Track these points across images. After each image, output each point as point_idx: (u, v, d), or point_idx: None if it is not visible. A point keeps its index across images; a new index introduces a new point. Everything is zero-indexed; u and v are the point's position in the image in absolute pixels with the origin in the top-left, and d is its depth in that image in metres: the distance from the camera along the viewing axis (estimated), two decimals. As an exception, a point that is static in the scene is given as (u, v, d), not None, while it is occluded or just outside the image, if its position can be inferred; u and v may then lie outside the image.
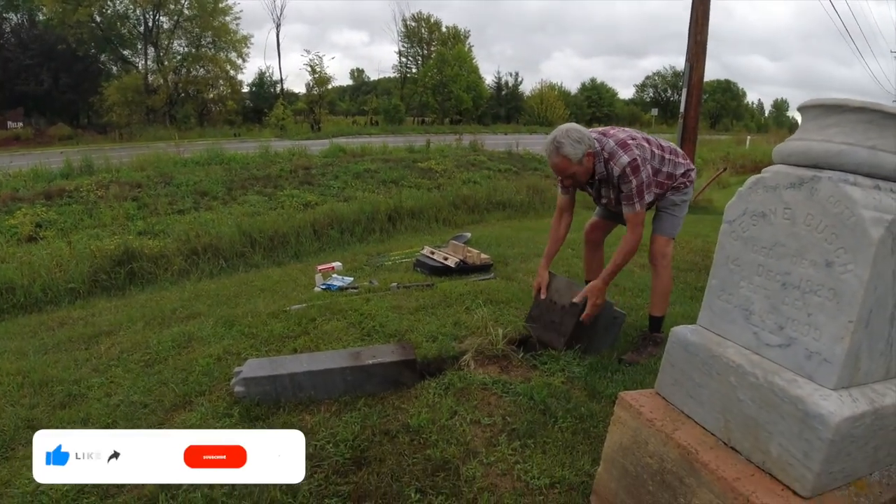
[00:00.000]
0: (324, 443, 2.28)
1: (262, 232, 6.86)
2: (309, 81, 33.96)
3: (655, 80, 64.23)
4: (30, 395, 2.87)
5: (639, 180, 2.90)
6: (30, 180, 10.82)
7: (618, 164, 2.89)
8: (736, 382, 1.51)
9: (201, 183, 10.55)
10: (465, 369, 2.85)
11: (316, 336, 3.31)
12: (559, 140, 2.84)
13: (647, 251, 3.31)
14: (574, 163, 2.87)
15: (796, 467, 1.35)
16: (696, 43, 10.57)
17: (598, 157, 2.94)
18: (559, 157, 2.86)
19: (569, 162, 2.87)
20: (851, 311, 1.29)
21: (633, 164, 2.87)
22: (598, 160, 2.94)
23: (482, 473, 2.14)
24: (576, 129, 2.89)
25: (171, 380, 2.85)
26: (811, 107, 1.50)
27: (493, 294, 3.95)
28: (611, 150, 2.93)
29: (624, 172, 2.88)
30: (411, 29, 48.89)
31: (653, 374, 2.35)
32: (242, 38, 35.93)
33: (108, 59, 35.11)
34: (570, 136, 2.84)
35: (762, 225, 1.52)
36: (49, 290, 5.38)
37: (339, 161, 13.46)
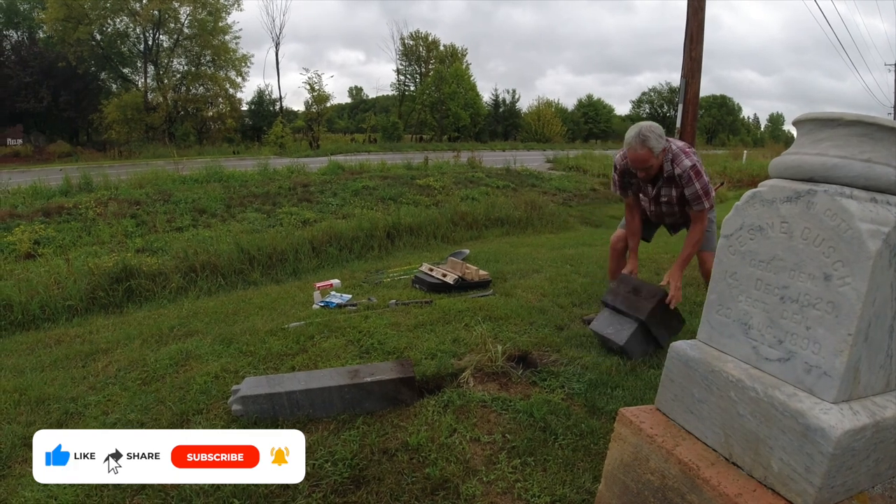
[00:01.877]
0: (322, 462, 2.26)
1: (260, 249, 6.85)
2: (308, 99, 34.21)
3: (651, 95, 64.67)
4: (27, 413, 2.85)
5: (702, 182, 3.26)
6: (28, 197, 10.83)
7: (680, 165, 3.26)
8: (736, 397, 1.50)
9: (200, 200, 10.56)
10: (465, 386, 2.84)
11: (314, 354, 3.30)
12: (645, 134, 3.15)
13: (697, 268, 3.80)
14: (655, 156, 3.20)
15: (798, 482, 1.34)
16: (691, 59, 10.66)
17: (666, 157, 3.29)
18: (645, 148, 3.16)
19: (651, 154, 3.18)
20: (850, 324, 1.29)
21: (695, 168, 3.24)
22: (666, 161, 3.29)
23: (482, 492, 2.12)
24: (657, 126, 3.22)
25: (169, 398, 2.83)
26: (806, 121, 1.51)
27: (491, 310, 3.94)
28: (675, 152, 3.30)
29: (688, 175, 3.24)
30: (409, 47, 49.33)
31: (653, 390, 2.34)
32: (242, 56, 36.23)
33: (107, 76, 35.31)
34: (653, 131, 3.17)
35: (759, 239, 1.53)
36: (46, 307, 5.36)
37: (338, 178, 13.50)
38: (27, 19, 33.19)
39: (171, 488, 2.08)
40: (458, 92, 44.38)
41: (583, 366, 3.10)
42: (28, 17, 33.25)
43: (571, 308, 4.16)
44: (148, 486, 2.09)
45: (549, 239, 8.36)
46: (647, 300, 3.29)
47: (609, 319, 3.38)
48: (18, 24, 33.08)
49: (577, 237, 8.54)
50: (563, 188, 15.07)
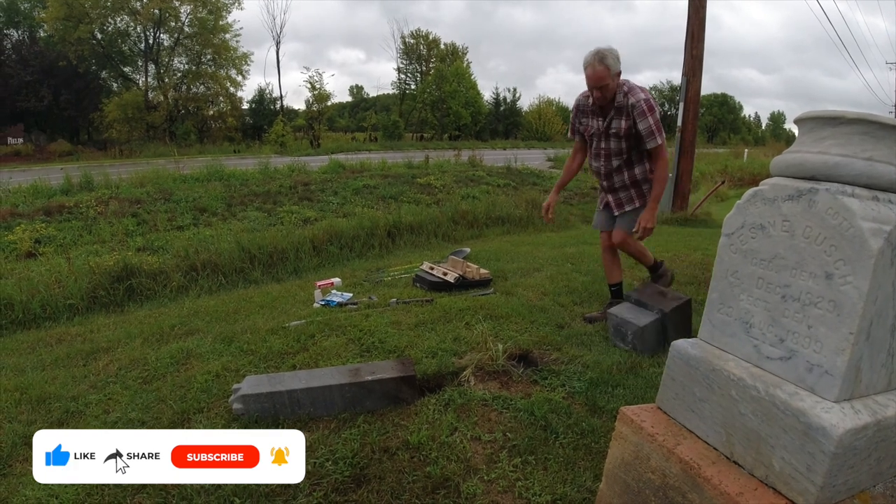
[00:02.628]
0: (323, 460, 2.26)
1: (261, 248, 6.85)
2: (308, 98, 34.24)
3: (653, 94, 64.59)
4: (27, 412, 2.85)
5: (655, 119, 3.39)
6: (29, 196, 10.84)
7: (636, 96, 3.37)
8: (737, 396, 1.50)
9: (201, 199, 10.56)
10: (465, 385, 2.84)
11: (315, 352, 3.30)
12: (603, 52, 3.29)
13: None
14: (610, 75, 3.30)
15: (799, 481, 1.33)
16: (692, 57, 10.66)
17: (620, 89, 3.40)
18: (602, 66, 3.27)
19: (607, 72, 3.28)
20: (852, 323, 1.29)
21: (649, 103, 3.38)
22: (619, 92, 3.40)
23: (483, 490, 2.12)
24: (615, 49, 3.34)
25: (170, 397, 2.83)
26: (807, 119, 1.51)
27: (492, 309, 3.94)
28: (630, 85, 3.42)
29: (642, 107, 3.36)
30: (410, 46, 49.31)
31: (654, 389, 2.34)
32: (242, 55, 36.22)
33: (108, 75, 35.30)
34: (612, 52, 3.31)
35: (761, 237, 1.53)
36: (47, 306, 5.36)
37: (339, 177, 13.50)
38: (28, 18, 33.20)
39: (172, 487, 2.08)
40: (458, 90, 44.37)
41: (584, 364, 3.10)
42: (29, 16, 33.26)
43: (572, 307, 4.16)
44: (148, 486, 2.09)
45: (549, 237, 8.35)
46: (673, 300, 3.42)
47: (629, 308, 3.47)
48: (19, 23, 33.10)
49: (577, 235, 8.53)
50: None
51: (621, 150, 3.57)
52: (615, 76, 3.33)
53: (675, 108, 29.77)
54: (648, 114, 3.36)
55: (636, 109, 3.37)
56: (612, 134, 3.53)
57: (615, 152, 3.59)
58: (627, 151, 3.57)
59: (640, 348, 3.25)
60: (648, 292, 3.54)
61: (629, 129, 3.45)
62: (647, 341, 3.26)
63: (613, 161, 3.63)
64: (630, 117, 3.41)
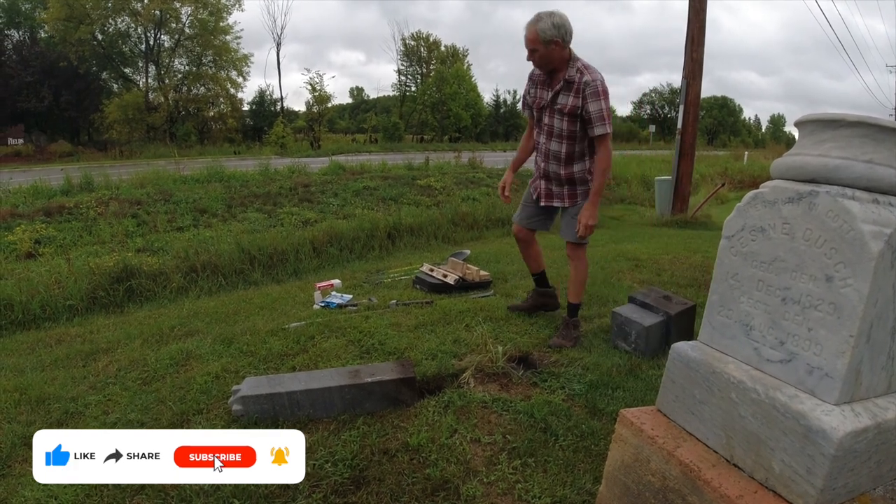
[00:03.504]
0: (322, 462, 2.26)
1: (261, 249, 6.85)
2: (309, 100, 34.27)
3: (652, 97, 64.66)
4: (27, 412, 2.85)
5: (606, 105, 3.17)
6: (29, 197, 10.84)
7: (592, 75, 3.16)
8: (737, 398, 1.50)
9: (201, 200, 10.57)
10: (465, 387, 2.84)
11: (315, 354, 3.30)
12: (541, 15, 3.11)
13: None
14: (541, 41, 3.10)
15: (799, 483, 1.33)
16: (692, 60, 10.68)
17: (572, 64, 3.19)
18: (532, 28, 3.11)
19: (537, 37, 3.10)
20: (852, 326, 1.29)
21: (604, 88, 3.17)
22: (572, 66, 3.19)
23: (482, 493, 2.12)
24: (563, 18, 3.12)
25: (169, 398, 2.83)
26: (807, 122, 1.51)
27: (492, 311, 3.94)
28: (587, 64, 3.21)
29: (595, 88, 3.14)
30: (410, 48, 49.36)
31: (654, 392, 2.33)
32: (243, 56, 36.29)
33: (109, 76, 35.33)
34: (552, 18, 3.09)
35: (761, 240, 1.53)
36: (47, 306, 5.36)
37: (339, 178, 13.51)
38: (29, 19, 33.24)
39: (171, 488, 2.08)
40: (459, 92, 44.39)
41: (583, 367, 3.10)
42: (29, 16, 33.31)
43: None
44: (148, 486, 2.09)
45: (549, 240, 8.35)
46: (678, 304, 3.43)
47: (634, 309, 3.46)
48: (20, 23, 33.15)
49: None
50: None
51: (562, 132, 3.30)
52: (549, 44, 3.10)
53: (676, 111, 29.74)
54: (602, 97, 3.15)
55: (589, 87, 3.14)
56: (556, 109, 3.29)
57: (556, 132, 3.33)
58: (569, 137, 3.30)
59: (643, 349, 3.25)
60: (653, 296, 3.54)
61: (575, 108, 3.20)
62: (650, 342, 3.26)
63: (553, 142, 3.37)
64: (580, 95, 3.17)
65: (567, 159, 3.37)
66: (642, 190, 15.89)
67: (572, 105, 3.21)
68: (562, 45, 3.13)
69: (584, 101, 3.17)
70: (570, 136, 3.30)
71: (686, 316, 3.42)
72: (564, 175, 3.41)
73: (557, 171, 3.42)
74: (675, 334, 3.30)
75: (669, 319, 3.32)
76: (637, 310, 3.44)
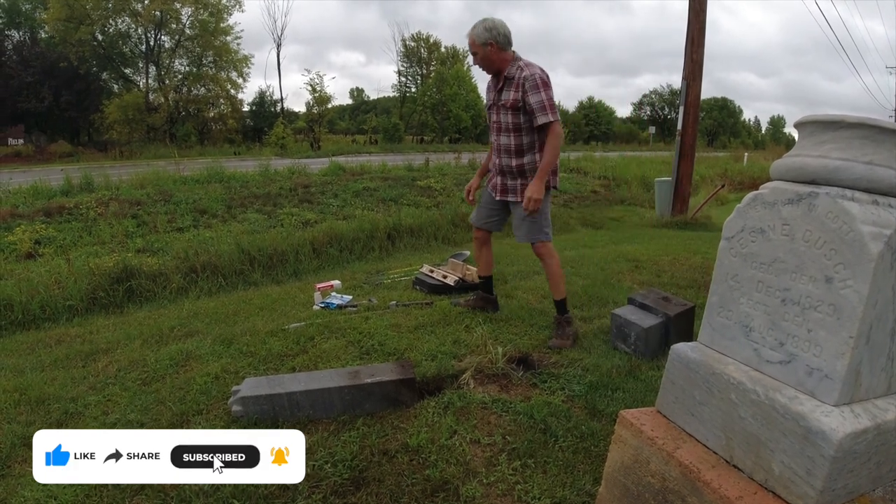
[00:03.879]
0: (322, 463, 2.26)
1: (261, 250, 6.85)
2: (309, 100, 34.25)
3: (652, 98, 64.76)
4: (27, 413, 2.85)
5: (548, 95, 3.39)
6: (29, 197, 10.83)
7: (530, 70, 3.40)
8: (737, 400, 1.50)
9: (201, 201, 10.56)
10: (465, 388, 2.84)
11: (314, 355, 3.30)
12: (477, 23, 3.45)
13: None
14: (478, 44, 3.41)
15: (799, 485, 1.33)
16: (692, 61, 10.68)
17: (514, 63, 3.45)
18: (470, 35, 3.45)
19: (474, 41, 3.42)
20: (852, 327, 1.29)
21: (543, 79, 3.38)
22: (513, 65, 3.45)
23: (482, 494, 2.12)
24: (494, 22, 3.43)
25: (169, 398, 2.83)
26: (808, 123, 1.51)
27: (492, 312, 3.94)
28: (528, 62, 3.48)
29: (534, 80, 3.36)
30: (410, 49, 49.38)
31: (654, 393, 2.33)
32: (243, 57, 36.28)
33: (109, 77, 35.32)
34: (485, 23, 3.42)
35: (761, 241, 1.53)
36: (47, 307, 5.36)
37: (339, 179, 13.51)
38: (29, 19, 33.27)
39: (171, 489, 2.08)
40: (459, 94, 44.40)
41: (583, 368, 3.10)
42: (30, 17, 33.33)
43: (572, 310, 4.15)
44: (147, 487, 2.09)
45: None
46: (678, 306, 3.44)
47: (634, 310, 3.47)
48: (20, 24, 33.17)
49: (577, 239, 8.53)
50: (563, 190, 15.04)
51: (509, 125, 3.51)
52: (486, 46, 3.38)
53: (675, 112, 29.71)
54: (542, 88, 3.36)
55: (528, 81, 3.36)
56: (501, 105, 3.51)
57: (504, 126, 3.53)
58: (515, 130, 3.50)
59: (642, 350, 3.25)
60: (652, 297, 3.54)
61: (516, 102, 3.42)
62: (649, 344, 3.26)
63: (503, 137, 3.57)
64: (520, 89, 3.40)
65: (517, 151, 3.55)
66: (642, 191, 15.89)
67: (513, 99, 3.43)
68: (497, 46, 3.40)
69: (525, 94, 3.39)
70: (515, 129, 3.51)
71: (685, 317, 3.43)
72: (516, 167, 3.57)
73: (510, 164, 3.58)
74: (674, 335, 3.30)
75: (669, 321, 3.32)
76: (636, 311, 3.44)
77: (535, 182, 3.39)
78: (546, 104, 3.37)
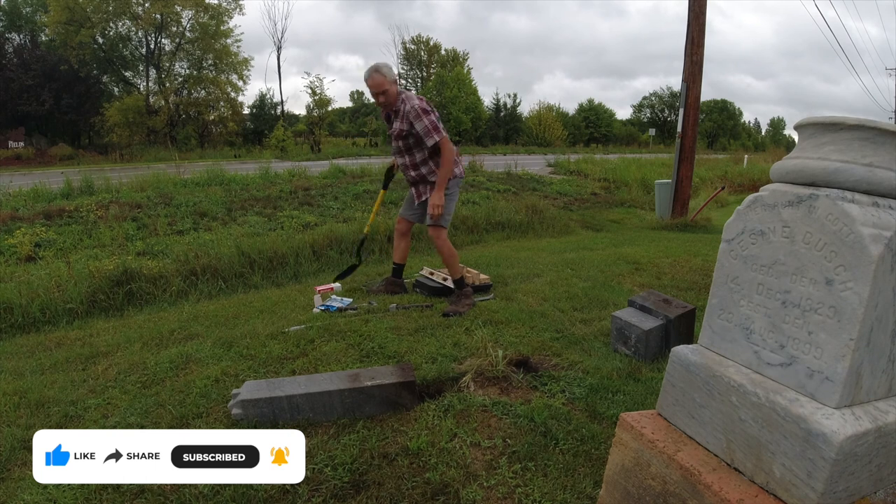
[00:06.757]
0: (322, 466, 2.25)
1: (261, 253, 6.84)
2: (309, 103, 34.25)
3: (652, 100, 64.79)
4: (26, 416, 2.84)
5: (429, 119, 4.03)
6: (30, 200, 10.83)
7: (410, 103, 4.03)
8: (737, 402, 1.50)
9: (201, 203, 10.57)
10: (465, 391, 2.83)
11: (314, 357, 3.29)
12: (378, 65, 4.07)
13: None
14: (388, 81, 4.04)
15: (800, 487, 1.33)
16: (692, 63, 10.69)
17: (399, 97, 4.09)
18: (378, 75, 4.02)
19: (384, 79, 4.03)
20: (852, 329, 1.29)
21: (423, 108, 4.02)
22: (398, 99, 4.09)
23: (482, 497, 2.11)
24: (388, 65, 4.14)
25: (169, 402, 2.82)
26: (808, 125, 1.51)
27: (492, 315, 3.94)
28: (408, 95, 4.10)
29: (415, 111, 4.00)
30: (410, 51, 49.44)
31: (654, 395, 2.33)
32: (243, 60, 36.30)
33: (109, 80, 35.37)
34: (386, 65, 4.12)
35: (761, 243, 1.53)
36: (47, 309, 5.35)
37: (339, 182, 13.51)
38: (29, 22, 33.34)
39: (170, 492, 2.07)
40: (459, 96, 44.43)
41: (583, 370, 3.09)
42: (30, 20, 33.41)
43: (572, 312, 4.16)
44: (147, 490, 2.08)
45: (549, 243, 8.35)
46: (678, 308, 3.45)
47: (634, 313, 3.48)
48: (21, 27, 33.24)
49: (577, 241, 8.52)
50: (564, 192, 15.08)
51: (400, 149, 4.23)
52: (392, 83, 4.05)
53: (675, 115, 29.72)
54: (423, 116, 3.99)
55: (411, 114, 4.01)
56: (393, 135, 4.19)
57: (400, 150, 4.25)
58: (408, 150, 4.20)
59: (643, 353, 3.25)
60: (653, 299, 3.54)
61: (402, 131, 4.08)
62: (650, 346, 3.26)
63: (405, 157, 4.26)
64: (406, 120, 4.04)
65: (413, 166, 4.28)
66: (642, 193, 15.89)
67: (399, 129, 4.12)
68: (396, 84, 4.10)
69: (411, 124, 4.04)
70: (407, 150, 4.22)
71: (686, 319, 3.42)
72: (417, 177, 4.32)
73: (413, 176, 4.33)
74: (674, 338, 3.30)
75: (669, 323, 3.32)
76: (637, 313, 3.44)
77: (436, 194, 4.13)
78: (429, 127, 4.02)
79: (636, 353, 3.28)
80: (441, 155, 4.09)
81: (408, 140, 4.14)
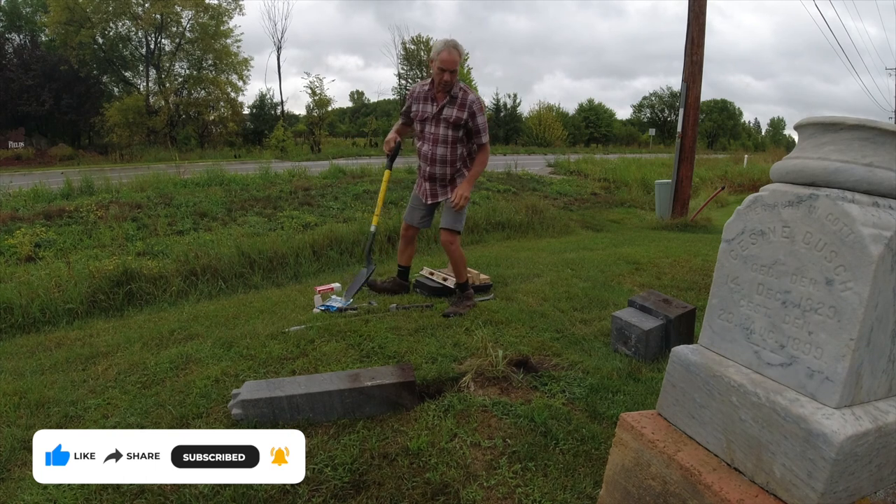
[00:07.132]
0: (322, 466, 2.25)
1: (261, 253, 6.84)
2: (309, 103, 34.22)
3: (652, 100, 64.80)
4: (26, 416, 2.84)
5: (484, 119, 3.98)
6: (30, 200, 10.84)
7: (472, 94, 3.93)
8: (738, 402, 1.50)
9: (201, 204, 10.57)
10: (465, 391, 2.83)
11: (314, 358, 3.29)
12: (456, 42, 3.84)
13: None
14: (460, 62, 3.87)
15: (800, 487, 1.33)
16: (692, 63, 10.69)
17: (457, 84, 3.92)
18: (458, 53, 3.82)
19: (459, 58, 3.84)
20: (852, 329, 1.29)
21: (481, 104, 3.95)
22: (455, 85, 3.91)
23: (483, 497, 2.11)
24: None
25: (169, 402, 2.82)
26: (808, 125, 1.51)
27: (492, 315, 3.94)
28: (465, 86, 3.99)
29: (478, 104, 3.93)
30: (410, 52, 49.38)
31: (654, 395, 2.33)
32: (243, 60, 36.25)
33: (109, 80, 35.32)
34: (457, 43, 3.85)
35: (761, 243, 1.52)
36: (47, 310, 5.35)
37: (339, 182, 13.53)
38: (29, 22, 33.32)
39: (170, 493, 2.07)
40: (458, 96, 44.34)
41: (584, 370, 3.09)
42: (30, 20, 33.39)
43: (572, 312, 4.16)
44: (147, 490, 2.08)
45: (549, 243, 8.35)
46: (678, 308, 3.46)
47: (634, 313, 3.49)
48: (21, 27, 33.21)
49: (577, 241, 8.52)
50: (564, 192, 15.09)
51: (447, 138, 3.98)
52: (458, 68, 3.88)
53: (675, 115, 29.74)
54: (481, 113, 3.94)
55: (475, 105, 3.90)
56: (442, 119, 3.96)
57: (442, 139, 3.99)
58: (452, 142, 3.99)
59: (643, 353, 3.25)
60: (653, 299, 3.54)
61: (459, 119, 3.90)
62: (650, 346, 3.26)
63: (439, 148, 4.02)
64: (464, 109, 3.89)
65: (450, 162, 4.06)
66: (642, 193, 15.90)
67: (457, 117, 3.91)
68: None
69: (473, 115, 3.91)
70: (452, 142, 4.00)
71: (686, 319, 3.42)
72: (449, 174, 4.10)
73: (443, 173, 4.10)
74: (675, 338, 3.30)
75: (669, 323, 3.32)
76: (637, 313, 3.44)
77: (466, 185, 4.01)
78: (484, 126, 3.99)
79: (636, 353, 3.28)
80: (481, 154, 4.11)
81: (458, 132, 3.96)
